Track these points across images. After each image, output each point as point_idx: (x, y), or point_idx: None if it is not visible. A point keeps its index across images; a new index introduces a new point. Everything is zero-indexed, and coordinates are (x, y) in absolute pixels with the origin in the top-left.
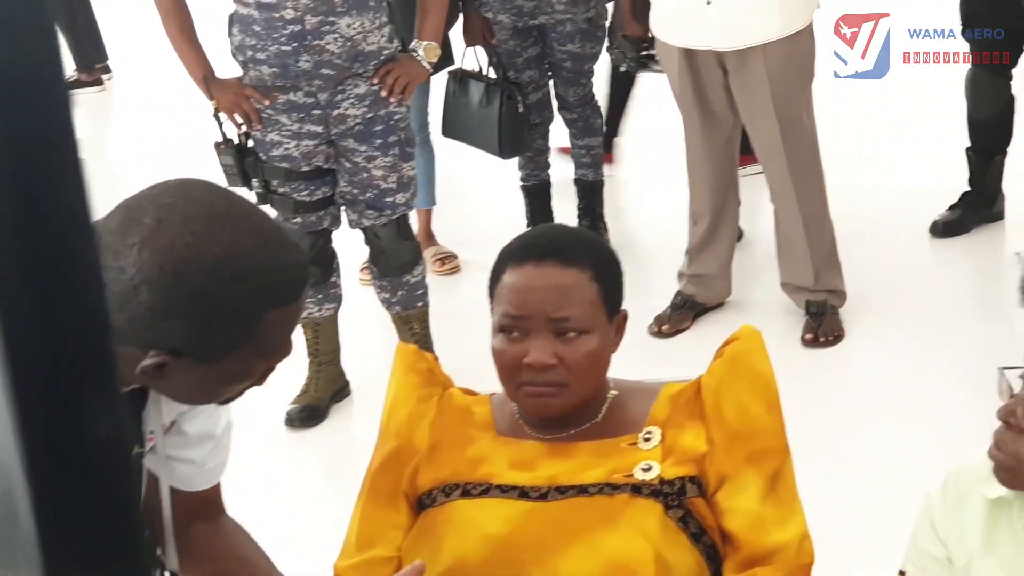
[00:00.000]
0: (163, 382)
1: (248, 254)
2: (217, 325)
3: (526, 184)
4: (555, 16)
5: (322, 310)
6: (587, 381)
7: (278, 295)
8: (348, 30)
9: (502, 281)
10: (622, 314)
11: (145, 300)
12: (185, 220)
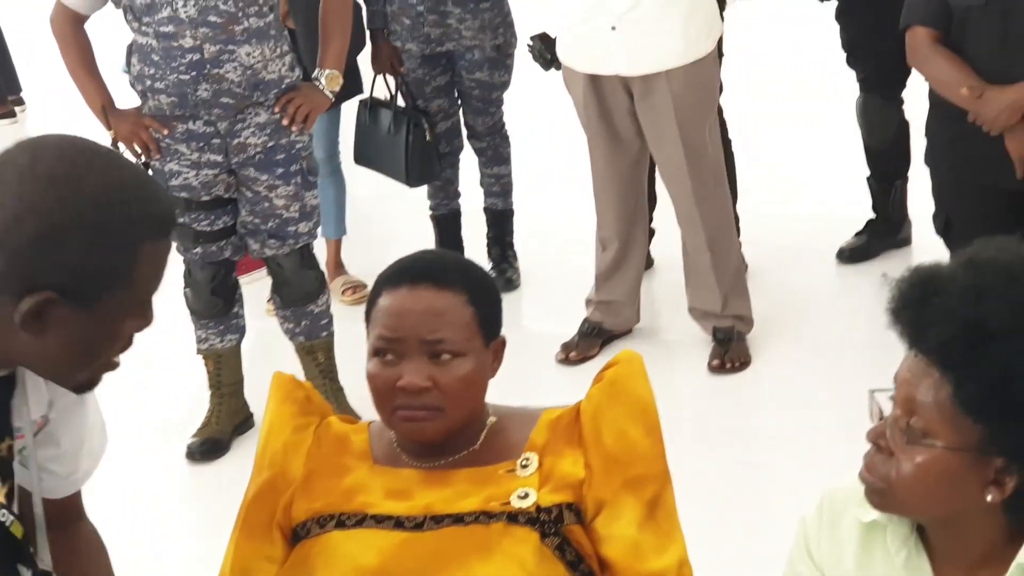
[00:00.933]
0: (39, 340)
1: (126, 183)
2: (98, 253)
3: (435, 213)
4: (463, 43)
5: (224, 341)
6: (462, 405)
7: (153, 226)
8: (248, 59)
9: (377, 305)
10: (500, 340)
11: (29, 229)
12: (60, 154)
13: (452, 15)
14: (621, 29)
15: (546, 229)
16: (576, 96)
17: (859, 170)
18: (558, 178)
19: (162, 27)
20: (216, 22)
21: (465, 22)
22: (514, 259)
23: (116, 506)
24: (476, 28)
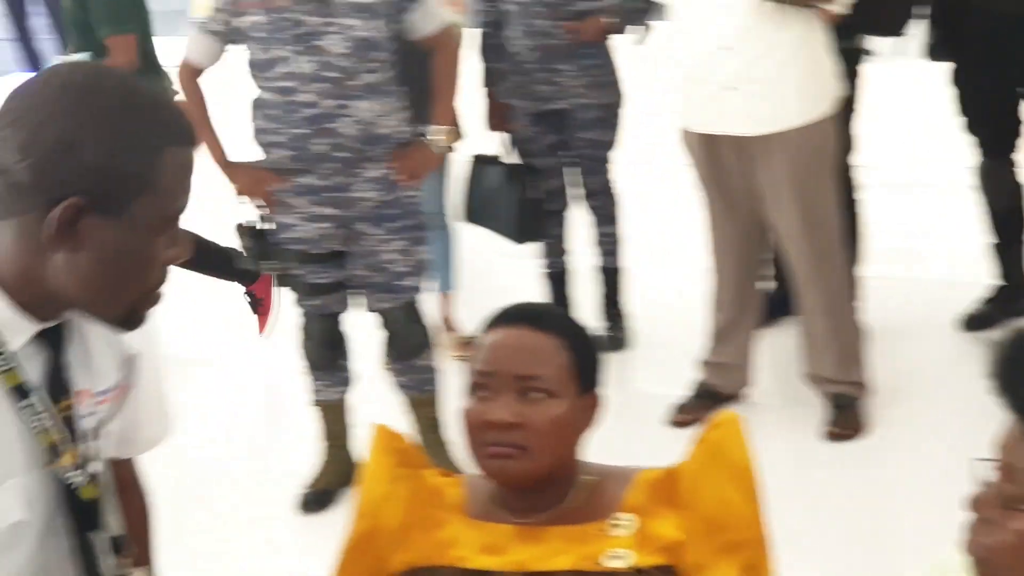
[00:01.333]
0: (73, 257)
1: (141, 91)
2: (120, 156)
3: (547, 271)
4: (573, 102)
5: (333, 392)
6: (549, 448)
7: (174, 132)
8: (363, 114)
9: (477, 344)
10: (597, 396)
11: (50, 136)
12: (74, 68)
13: (562, 73)
14: (737, 90)
15: (658, 289)
16: (692, 157)
17: (983, 235)
18: (671, 238)
19: (281, 82)
20: (333, 77)
21: (575, 80)
22: (625, 319)
23: (229, 552)
24: (585, 86)
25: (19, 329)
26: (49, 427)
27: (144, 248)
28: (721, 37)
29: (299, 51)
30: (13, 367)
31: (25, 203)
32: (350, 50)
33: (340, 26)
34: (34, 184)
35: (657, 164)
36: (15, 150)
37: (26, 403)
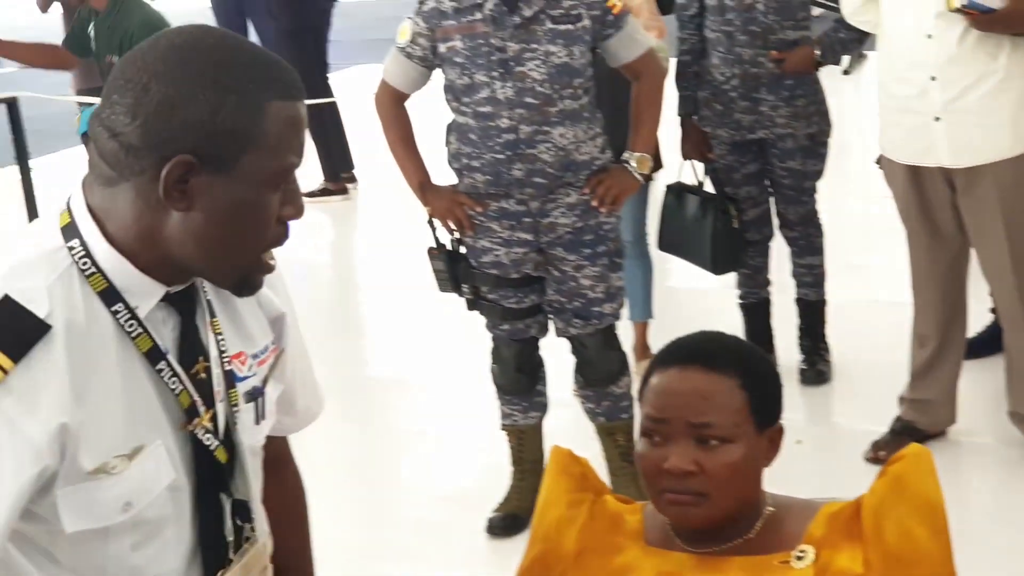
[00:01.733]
0: (187, 216)
1: (243, 47)
2: (225, 111)
3: (744, 302)
4: (775, 131)
5: (527, 418)
6: (729, 493)
7: (278, 85)
8: (561, 140)
9: (648, 384)
10: (777, 428)
11: (156, 95)
12: (180, 29)
13: (765, 102)
14: (945, 120)
15: (860, 322)
16: (896, 188)
17: None
18: (873, 270)
19: (480, 107)
20: (532, 103)
21: (778, 109)
22: (826, 352)
23: (416, 574)
24: (789, 116)
25: (146, 292)
26: (184, 390)
27: (256, 204)
28: (929, 67)
29: (499, 77)
30: (143, 332)
31: (138, 164)
32: (550, 76)
33: (540, 52)
34: (144, 145)
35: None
36: (125, 113)
37: (160, 367)
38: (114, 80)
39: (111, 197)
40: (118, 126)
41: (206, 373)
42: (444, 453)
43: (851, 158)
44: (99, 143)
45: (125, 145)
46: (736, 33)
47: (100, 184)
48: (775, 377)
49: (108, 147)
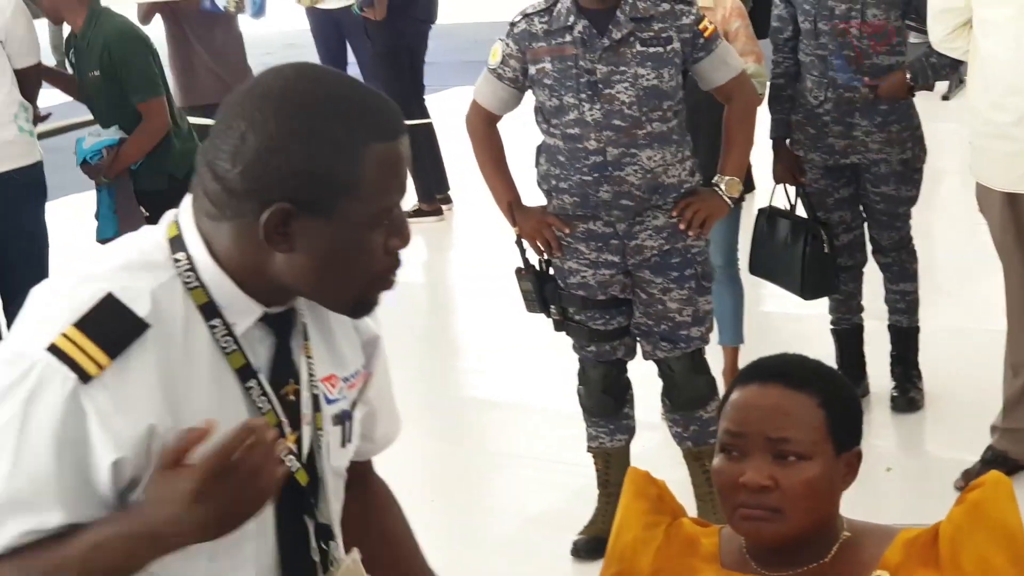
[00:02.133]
0: (290, 256)
1: (339, 91)
2: (318, 158)
3: (836, 328)
4: (869, 156)
5: (613, 440)
6: (803, 511)
7: (373, 126)
8: (649, 162)
9: (728, 400)
10: (855, 452)
11: (252, 143)
12: (279, 72)
13: (859, 127)
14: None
15: (953, 350)
16: (991, 216)
17: None
18: (967, 297)
19: (569, 129)
20: (620, 126)
21: (872, 135)
22: (918, 379)
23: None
24: (883, 141)
25: (245, 311)
26: (271, 410)
27: (358, 244)
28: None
29: (588, 99)
30: (238, 349)
31: (239, 208)
32: (638, 99)
33: (629, 75)
34: (244, 191)
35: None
36: (226, 159)
37: (250, 384)
38: (218, 122)
39: (216, 228)
40: (220, 170)
41: (295, 396)
42: (533, 474)
43: (946, 184)
44: (204, 182)
45: (227, 189)
46: (830, 57)
47: (205, 215)
48: (856, 402)
49: (211, 188)
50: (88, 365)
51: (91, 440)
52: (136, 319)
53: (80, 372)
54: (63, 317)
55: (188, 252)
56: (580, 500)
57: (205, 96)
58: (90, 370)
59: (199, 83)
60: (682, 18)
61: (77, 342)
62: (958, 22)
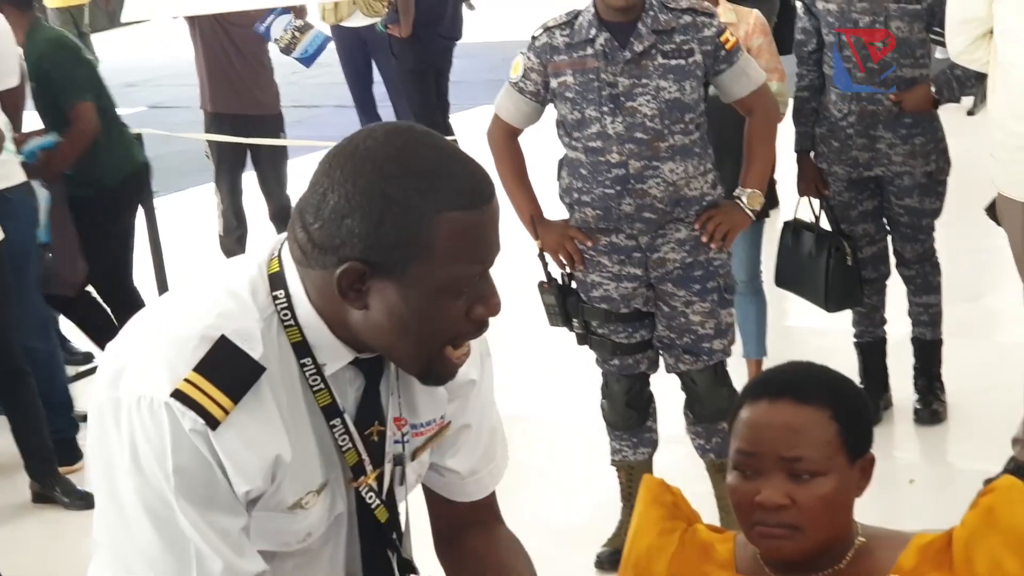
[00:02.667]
0: (364, 312)
1: (421, 156)
2: (391, 224)
3: (859, 341)
4: (892, 169)
5: (636, 454)
6: (822, 525)
7: (449, 196)
8: (671, 175)
9: (739, 417)
10: (868, 457)
11: (331, 201)
12: (371, 133)
13: (882, 140)
14: None
15: (976, 362)
16: (1012, 227)
17: None
18: (990, 310)
19: (591, 142)
20: (642, 139)
21: (895, 147)
22: (941, 391)
23: None
24: (906, 154)
25: (337, 355)
26: (351, 449)
27: (432, 309)
28: None
29: (609, 112)
30: (324, 388)
31: (322, 259)
32: (660, 111)
33: (651, 87)
34: (322, 246)
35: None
36: (312, 211)
37: (334, 423)
38: (314, 174)
39: (305, 274)
40: (306, 221)
41: (379, 436)
42: (557, 488)
43: (971, 197)
44: (295, 228)
45: (311, 240)
46: (854, 70)
47: (295, 260)
48: (866, 406)
49: (300, 236)
50: (215, 410)
51: (227, 477)
52: (253, 362)
53: (208, 418)
54: (183, 361)
55: (288, 290)
56: (604, 513)
57: (237, 106)
58: (217, 415)
59: (234, 92)
60: (704, 30)
61: (201, 387)
62: (979, 32)
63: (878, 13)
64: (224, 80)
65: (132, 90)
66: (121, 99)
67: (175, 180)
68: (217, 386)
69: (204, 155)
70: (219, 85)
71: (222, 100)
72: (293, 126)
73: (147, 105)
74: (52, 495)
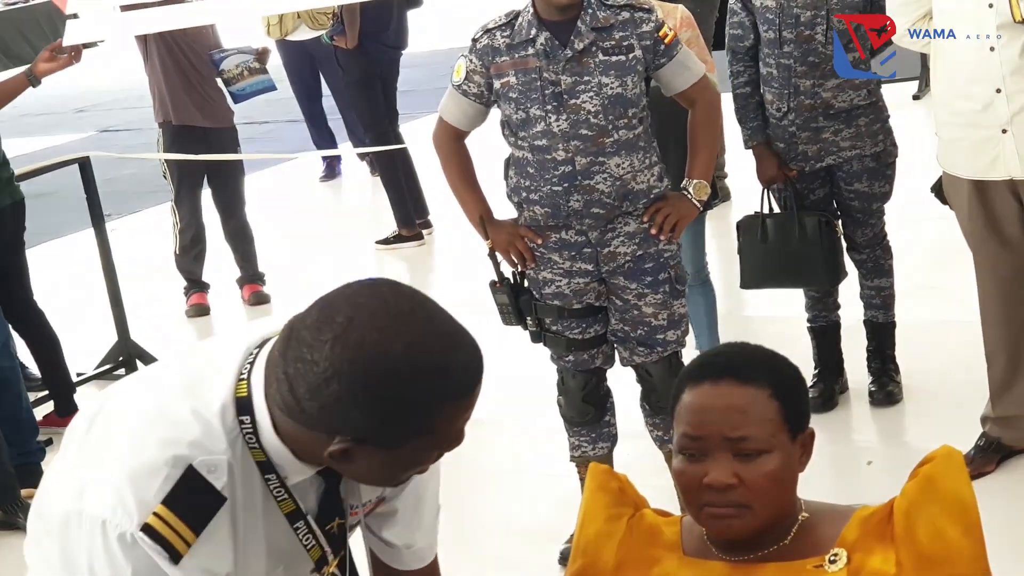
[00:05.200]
0: (347, 464)
1: (428, 354)
2: (398, 417)
3: (813, 326)
4: (842, 155)
5: (595, 449)
6: (770, 502)
7: (454, 390)
8: (617, 170)
9: (681, 401)
10: (808, 433)
11: (335, 391)
12: (373, 319)
13: (827, 129)
14: (1012, 131)
15: (930, 343)
16: (960, 206)
17: None
18: (943, 290)
19: (536, 141)
20: (587, 135)
21: (841, 132)
22: (896, 373)
23: None
24: (853, 136)
25: (300, 472)
26: (315, 546)
27: (415, 463)
28: (993, 80)
29: (553, 110)
30: (287, 498)
31: (310, 424)
32: (604, 107)
33: (594, 84)
34: (317, 419)
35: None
36: (306, 389)
37: (297, 525)
38: (307, 345)
39: (284, 419)
40: (298, 393)
41: (338, 528)
42: (517, 488)
43: (920, 179)
44: (280, 385)
45: (301, 407)
46: (795, 65)
47: (275, 404)
48: (803, 383)
49: (285, 395)
50: (179, 544)
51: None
52: (216, 494)
53: (172, 552)
54: (152, 493)
55: (254, 417)
56: (565, 510)
57: (197, 117)
58: (180, 549)
59: (193, 104)
60: (642, 25)
61: (168, 521)
62: (919, 14)
63: (819, 7)
64: (184, 91)
65: (82, 115)
66: (71, 125)
67: (128, 202)
68: (182, 519)
69: (162, 175)
70: (179, 96)
71: (183, 112)
72: (246, 143)
73: (97, 129)
74: (15, 521)
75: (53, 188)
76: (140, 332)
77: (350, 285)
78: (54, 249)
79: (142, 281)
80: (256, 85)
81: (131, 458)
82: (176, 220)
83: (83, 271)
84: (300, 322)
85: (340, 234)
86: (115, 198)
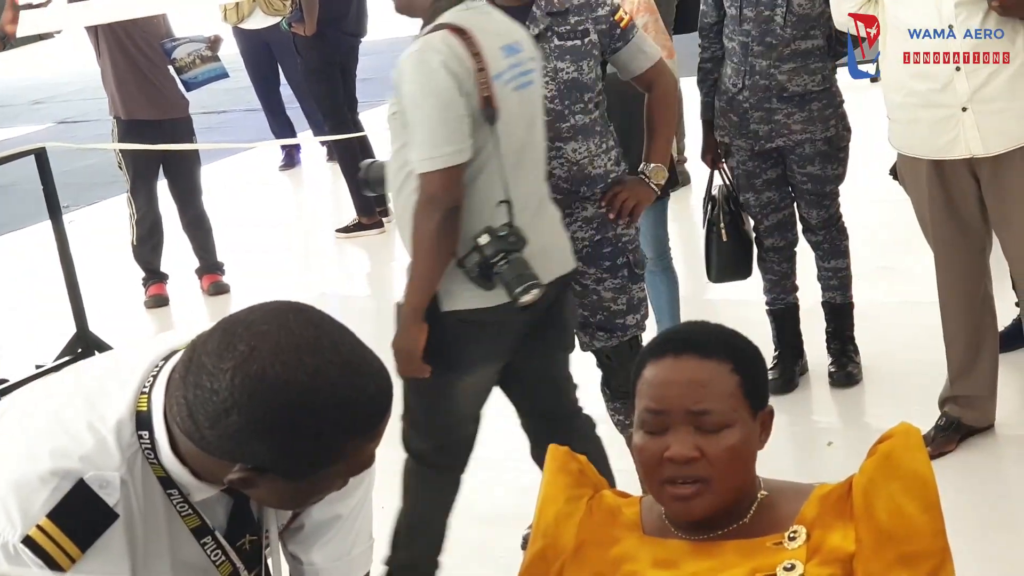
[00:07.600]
0: (250, 490)
1: (332, 386)
2: (300, 450)
3: (772, 308)
4: (792, 138)
5: None
6: (730, 477)
7: (360, 423)
8: (574, 155)
9: (643, 376)
10: (768, 410)
11: (234, 422)
12: (276, 350)
13: (779, 111)
14: (972, 109)
15: (889, 323)
16: (917, 186)
17: None
18: (902, 271)
19: None
20: (544, 120)
21: (793, 116)
22: (855, 354)
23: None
24: (804, 120)
25: (202, 490)
26: (225, 561)
27: (319, 491)
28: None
29: None
30: (192, 513)
31: (211, 452)
32: (560, 92)
33: (549, 69)
34: (217, 448)
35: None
36: (206, 418)
37: (204, 541)
38: (208, 372)
39: (184, 441)
40: (197, 417)
41: (251, 544)
42: (480, 476)
43: (878, 160)
44: (179, 406)
45: (200, 434)
46: (752, 44)
47: (177, 425)
48: (762, 360)
49: (185, 420)
50: (61, 560)
51: None
52: (107, 509)
53: (54, 566)
54: (38, 505)
55: (153, 435)
56: (528, 496)
57: (151, 111)
58: (63, 564)
59: (145, 97)
60: (598, 9)
61: (52, 535)
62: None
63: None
64: (135, 85)
65: (39, 107)
66: (28, 116)
67: (85, 193)
68: (68, 534)
69: (117, 166)
70: (130, 91)
71: (135, 106)
72: (203, 132)
73: (55, 121)
74: None
75: (10, 180)
76: (99, 323)
77: (255, 309)
78: (12, 241)
79: (101, 272)
80: (208, 73)
81: (21, 467)
82: (132, 211)
83: (41, 263)
84: (202, 346)
85: (300, 223)
86: (73, 189)
